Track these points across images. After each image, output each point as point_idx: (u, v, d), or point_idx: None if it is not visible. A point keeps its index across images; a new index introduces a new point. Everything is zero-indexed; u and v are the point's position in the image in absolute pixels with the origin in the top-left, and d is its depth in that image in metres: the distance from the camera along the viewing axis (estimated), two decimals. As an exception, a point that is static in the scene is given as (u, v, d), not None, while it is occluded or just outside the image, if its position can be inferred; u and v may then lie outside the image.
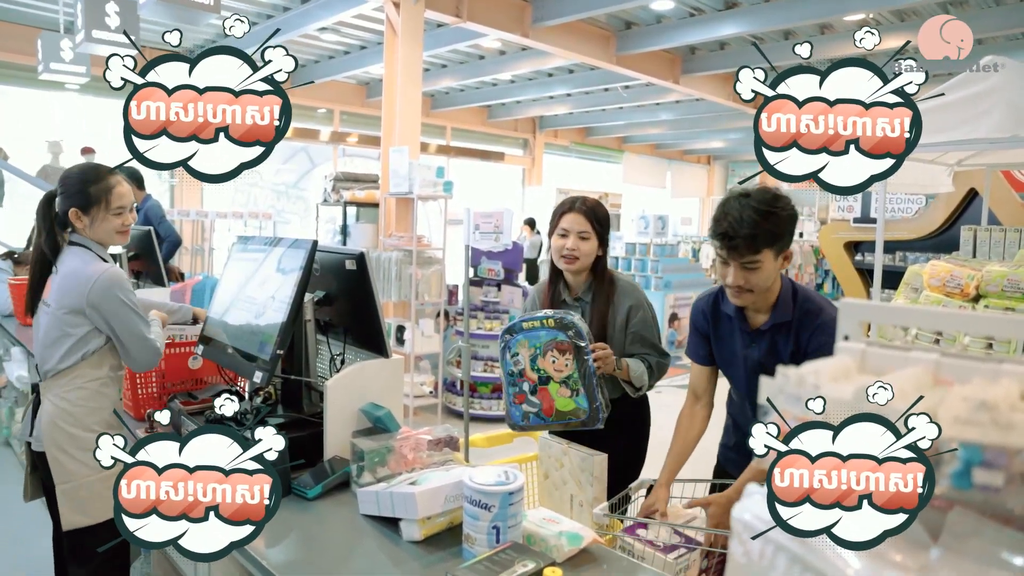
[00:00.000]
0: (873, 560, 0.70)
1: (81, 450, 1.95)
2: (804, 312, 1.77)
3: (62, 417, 1.96)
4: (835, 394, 0.69)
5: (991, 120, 2.77)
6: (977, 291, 2.72)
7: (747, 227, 1.64)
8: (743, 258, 1.67)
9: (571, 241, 2.13)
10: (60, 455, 1.95)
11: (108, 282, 1.95)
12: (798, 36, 8.28)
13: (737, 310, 1.84)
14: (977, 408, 0.61)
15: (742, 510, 0.82)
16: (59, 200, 2.03)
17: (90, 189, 2.00)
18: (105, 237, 2.05)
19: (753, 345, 1.82)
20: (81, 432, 1.97)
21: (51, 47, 5.90)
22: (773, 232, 1.66)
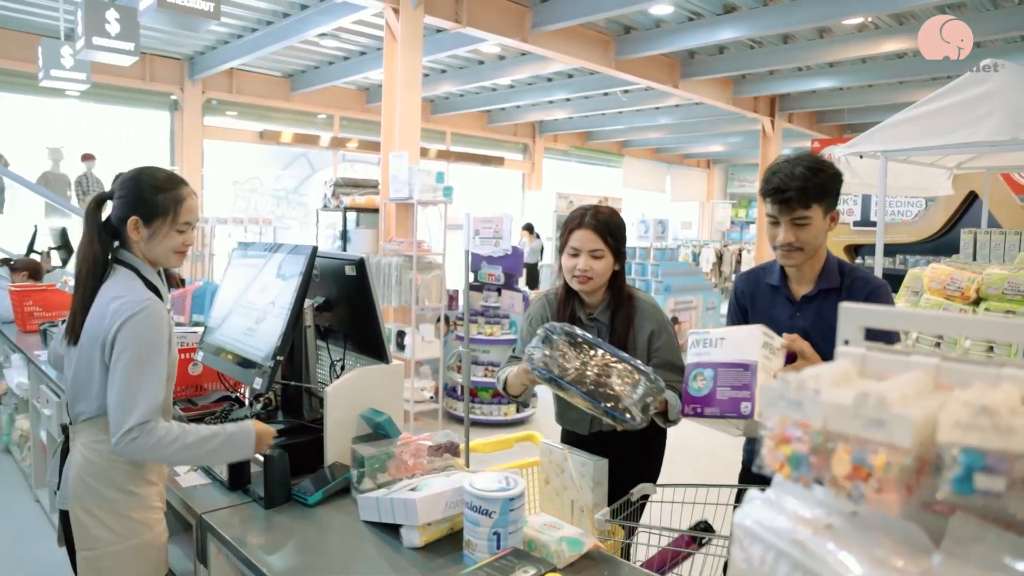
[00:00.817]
0: (874, 565, 0.70)
1: (109, 512, 1.63)
2: (854, 279, 1.81)
3: (89, 471, 1.63)
4: (834, 399, 0.69)
5: (991, 123, 2.77)
6: (978, 294, 2.71)
7: (798, 180, 1.70)
8: (794, 213, 1.73)
9: (583, 261, 1.97)
10: (84, 516, 1.63)
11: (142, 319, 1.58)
12: (797, 40, 8.30)
13: (781, 279, 1.88)
14: (978, 413, 0.60)
15: (743, 516, 0.81)
16: (116, 205, 1.70)
17: (159, 197, 1.69)
18: (162, 256, 1.72)
19: (798, 314, 1.84)
20: (112, 492, 1.63)
21: (51, 54, 5.92)
22: (823, 187, 1.72)
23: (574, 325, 2.12)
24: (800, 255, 1.78)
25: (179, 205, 1.71)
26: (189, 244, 1.78)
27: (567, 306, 2.11)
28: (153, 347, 1.58)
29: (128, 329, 1.56)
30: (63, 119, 9.34)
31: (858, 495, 0.67)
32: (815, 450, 0.72)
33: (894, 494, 0.65)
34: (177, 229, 1.72)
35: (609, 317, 2.07)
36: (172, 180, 1.73)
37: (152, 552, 1.67)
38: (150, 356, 1.57)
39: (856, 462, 0.67)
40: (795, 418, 0.73)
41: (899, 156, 3.43)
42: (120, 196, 1.70)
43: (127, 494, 1.64)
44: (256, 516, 1.67)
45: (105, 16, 4.61)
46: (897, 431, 0.64)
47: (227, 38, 8.89)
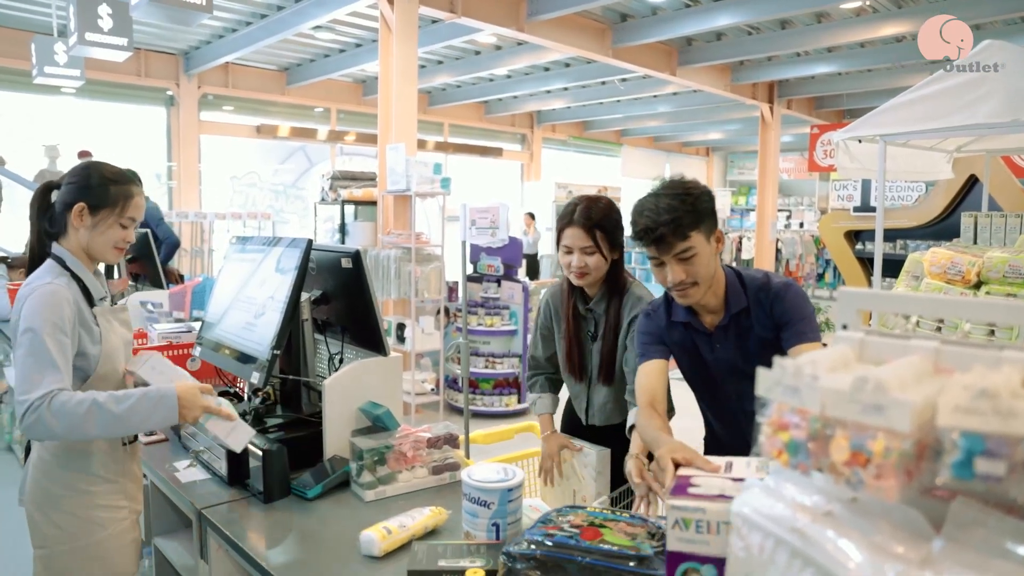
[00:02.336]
0: (874, 552, 0.69)
1: (56, 511, 1.60)
2: (755, 291, 1.70)
3: (42, 470, 1.61)
4: (832, 385, 0.67)
5: (989, 105, 2.75)
6: (978, 277, 2.70)
7: (667, 213, 1.56)
8: (674, 249, 1.59)
9: (576, 259, 2.02)
10: (36, 514, 1.61)
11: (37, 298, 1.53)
12: (795, 25, 8.24)
13: (689, 315, 1.74)
14: (978, 396, 0.59)
15: (741, 504, 0.80)
16: (64, 191, 1.67)
17: (110, 188, 1.66)
18: (101, 248, 1.68)
19: (718, 346, 1.73)
20: (59, 489, 1.60)
21: (45, 51, 5.88)
22: (695, 212, 1.58)
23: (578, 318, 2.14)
24: (696, 290, 1.64)
25: (128, 200, 1.69)
26: (129, 241, 1.74)
27: (571, 297, 2.17)
28: (44, 324, 1.49)
29: (24, 311, 1.52)
30: (59, 116, 9.30)
31: (857, 481, 0.66)
32: (813, 436, 0.71)
33: (893, 480, 0.64)
34: (121, 223, 1.69)
35: (604, 308, 2.11)
36: (124, 175, 1.72)
37: (107, 552, 1.63)
38: (41, 334, 1.48)
39: (855, 448, 0.66)
40: (792, 404, 0.72)
41: (898, 140, 3.41)
42: (70, 182, 1.67)
43: (77, 492, 1.60)
44: (255, 510, 1.66)
45: (97, 11, 4.57)
46: (896, 416, 0.63)
47: (222, 32, 8.84)
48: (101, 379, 1.64)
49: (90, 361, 1.61)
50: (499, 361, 5.71)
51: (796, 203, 17.26)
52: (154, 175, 10.26)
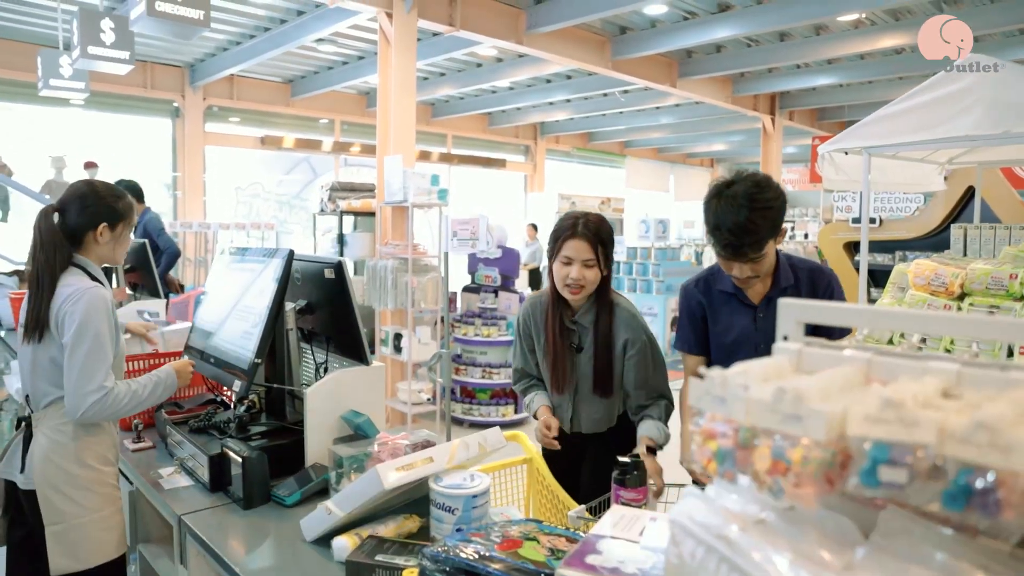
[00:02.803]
0: (799, 558, 0.71)
1: (76, 488, 1.81)
2: (809, 271, 1.81)
3: (57, 452, 1.81)
4: (755, 395, 0.70)
5: (973, 117, 2.76)
6: (962, 289, 2.70)
7: (749, 234, 1.63)
8: (749, 258, 1.70)
9: (576, 271, 2.00)
10: (52, 494, 1.80)
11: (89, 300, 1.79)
12: (793, 37, 8.28)
13: (735, 286, 1.86)
14: (884, 406, 0.61)
15: (678, 512, 0.82)
16: (75, 215, 1.89)
17: (119, 205, 1.94)
18: (118, 255, 1.99)
19: (761, 316, 1.83)
20: (76, 468, 1.82)
21: (50, 64, 5.98)
22: (773, 225, 1.69)
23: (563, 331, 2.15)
24: (757, 280, 1.78)
25: (132, 210, 1.98)
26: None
27: (556, 311, 2.14)
28: (98, 322, 1.79)
29: (78, 310, 1.77)
30: (66, 128, 9.42)
31: (778, 489, 0.68)
32: (741, 445, 0.73)
33: (811, 488, 0.66)
34: (130, 230, 2.00)
35: (592, 321, 2.11)
36: (120, 190, 1.98)
37: (114, 524, 1.87)
38: (98, 329, 1.78)
39: (775, 457, 0.68)
40: (721, 414, 0.74)
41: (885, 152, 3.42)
42: (84, 207, 1.90)
43: (91, 470, 1.83)
44: (234, 517, 1.68)
45: (100, 25, 4.65)
46: (812, 425, 0.65)
47: (226, 45, 8.95)
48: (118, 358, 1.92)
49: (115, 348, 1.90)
50: (496, 371, 5.72)
51: (800, 214, 17.24)
52: (159, 186, 10.36)
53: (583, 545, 1.09)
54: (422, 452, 1.54)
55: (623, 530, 1.16)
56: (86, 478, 1.82)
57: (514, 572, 1.13)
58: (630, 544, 1.10)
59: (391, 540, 1.39)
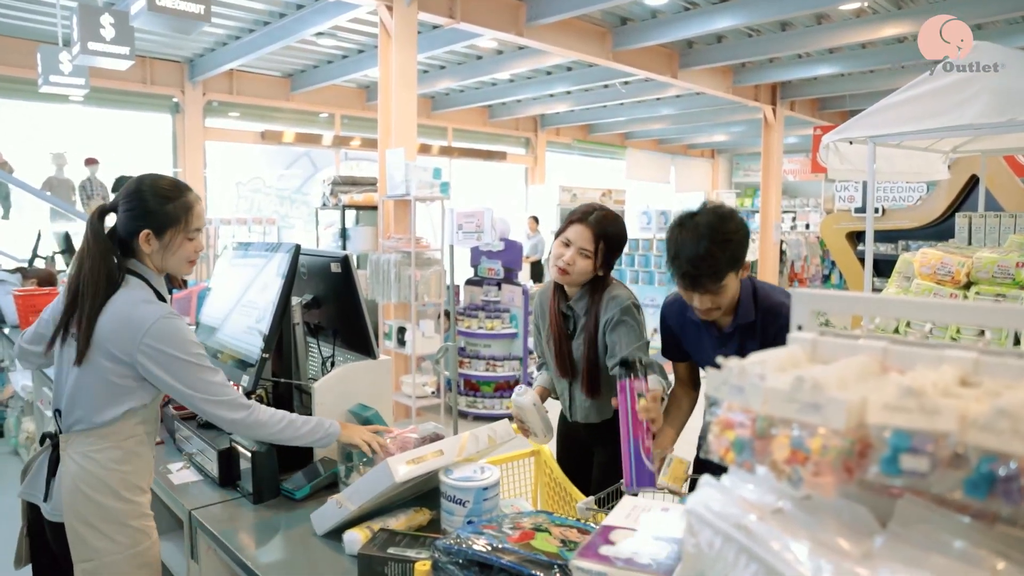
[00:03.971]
0: (818, 547, 0.71)
1: (109, 522, 1.61)
2: (766, 311, 1.78)
3: (88, 482, 1.59)
4: (774, 384, 0.69)
5: (978, 106, 2.75)
6: (968, 278, 2.70)
7: (707, 265, 1.64)
8: (707, 289, 1.69)
9: (569, 254, 2.04)
10: (83, 528, 1.59)
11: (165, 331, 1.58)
12: (795, 27, 8.24)
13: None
14: (905, 394, 0.61)
15: (694, 501, 0.82)
16: (123, 219, 1.66)
17: (168, 207, 1.64)
18: (176, 266, 1.71)
19: (724, 347, 1.84)
20: (111, 501, 1.61)
21: (50, 60, 5.96)
22: (732, 259, 1.68)
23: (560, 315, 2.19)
24: (718, 312, 1.78)
25: (189, 212, 1.67)
26: (200, 250, 1.75)
27: (555, 296, 2.22)
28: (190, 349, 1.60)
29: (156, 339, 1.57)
30: (66, 124, 9.40)
31: (797, 479, 0.68)
32: (758, 435, 0.73)
33: (830, 477, 0.66)
34: (188, 237, 1.68)
35: (584, 309, 2.14)
36: (178, 187, 1.69)
37: (150, 559, 1.67)
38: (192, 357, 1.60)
39: (794, 446, 0.68)
40: (738, 404, 0.74)
41: (888, 141, 3.41)
42: (127, 209, 1.65)
43: (125, 502, 1.62)
44: (245, 511, 1.69)
45: (99, 21, 4.63)
46: (831, 414, 0.65)
47: (225, 39, 8.91)
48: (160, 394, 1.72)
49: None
50: (500, 364, 5.73)
51: (801, 204, 17.21)
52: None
53: (596, 536, 1.09)
54: (432, 445, 1.54)
55: (635, 520, 1.17)
56: (120, 511, 1.62)
57: (527, 563, 1.14)
58: (643, 534, 1.11)
59: (402, 533, 1.39)
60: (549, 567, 1.11)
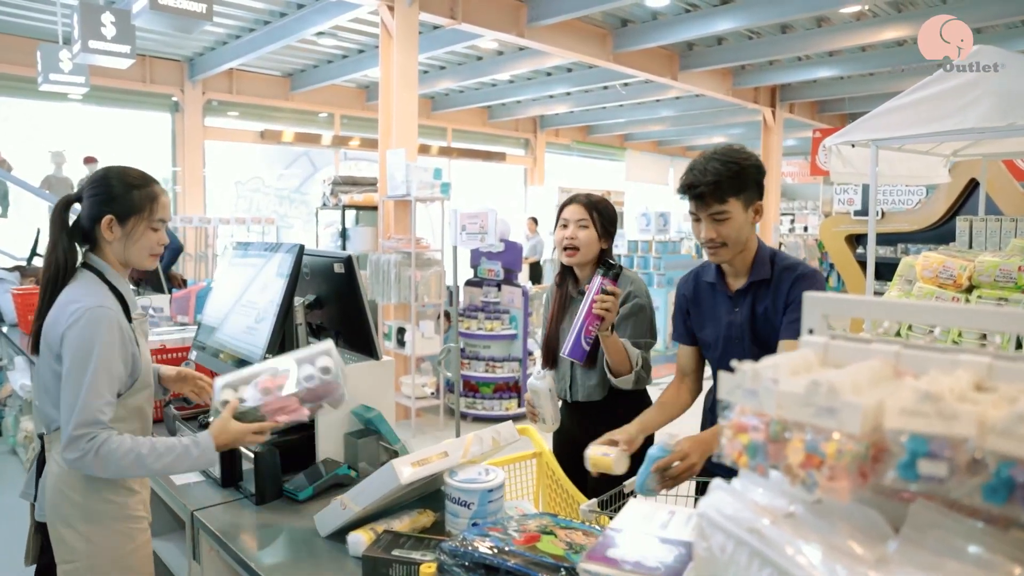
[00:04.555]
0: (831, 552, 0.71)
1: (88, 523, 1.57)
2: (783, 268, 1.81)
3: (67, 482, 1.56)
4: (788, 388, 0.69)
5: (981, 109, 2.76)
6: (970, 281, 2.70)
7: (711, 175, 1.69)
8: (710, 209, 1.72)
9: (570, 230, 2.17)
10: (63, 529, 1.57)
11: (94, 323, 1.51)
12: (795, 30, 8.25)
13: (718, 275, 1.89)
14: (922, 399, 0.61)
15: (706, 505, 0.82)
16: (86, 205, 1.62)
17: (133, 194, 1.63)
18: (137, 257, 1.67)
19: (736, 309, 1.85)
20: (89, 502, 1.57)
21: (50, 58, 5.94)
22: (738, 179, 1.71)
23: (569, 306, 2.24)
24: (725, 251, 1.78)
25: (154, 202, 1.66)
26: (163, 243, 1.73)
27: (562, 284, 2.31)
28: (89, 353, 1.50)
29: (70, 335, 1.51)
30: (65, 122, 9.38)
31: (811, 483, 0.68)
32: (772, 439, 0.72)
33: (846, 481, 0.66)
34: (152, 227, 1.66)
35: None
36: (145, 177, 1.69)
37: (135, 562, 1.63)
38: (87, 363, 1.49)
39: (809, 450, 0.68)
40: (752, 407, 0.73)
41: (891, 144, 3.42)
42: (91, 195, 1.62)
43: (106, 503, 1.59)
44: (247, 512, 1.69)
45: (100, 19, 4.63)
46: (847, 418, 0.65)
47: (226, 39, 8.90)
48: (133, 393, 1.65)
49: (126, 381, 1.62)
50: (499, 365, 5.72)
51: (800, 207, 17.23)
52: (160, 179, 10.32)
53: (604, 539, 1.09)
54: (436, 447, 1.54)
55: (643, 523, 1.16)
56: (100, 512, 1.58)
57: (533, 566, 1.13)
58: (650, 537, 1.10)
59: (406, 535, 1.39)
60: (555, 570, 1.11)
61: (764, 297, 1.82)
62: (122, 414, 1.63)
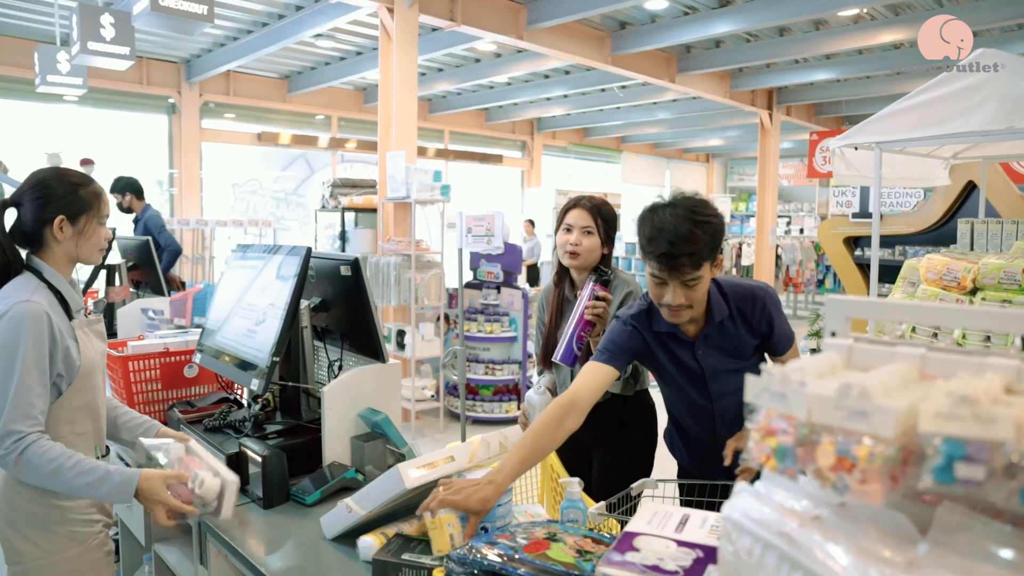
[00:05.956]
0: (861, 556, 0.70)
1: (31, 527, 1.57)
2: (739, 299, 1.73)
3: (9, 484, 1.57)
4: (818, 391, 0.69)
5: (984, 113, 2.77)
6: (974, 284, 2.71)
7: (689, 242, 1.54)
8: (684, 276, 1.58)
9: (574, 236, 2.17)
10: (8, 530, 1.58)
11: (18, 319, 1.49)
12: (793, 32, 8.28)
13: (671, 325, 1.74)
14: (958, 403, 0.61)
15: (731, 508, 0.82)
16: (32, 208, 1.61)
17: (80, 192, 1.64)
18: (88, 253, 1.68)
19: (700, 352, 1.76)
20: (32, 506, 1.57)
21: (48, 59, 5.92)
22: (712, 243, 1.59)
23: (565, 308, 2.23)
24: (688, 312, 1.66)
25: (99, 198, 1.68)
26: (109, 238, 1.74)
27: (559, 287, 2.31)
28: (15, 349, 1.48)
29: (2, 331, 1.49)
30: (62, 124, 9.35)
31: (842, 486, 0.67)
32: (800, 442, 0.72)
33: (878, 484, 0.65)
34: (100, 222, 1.68)
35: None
36: (85, 176, 1.70)
37: (83, 566, 1.63)
38: (14, 358, 1.47)
39: (840, 453, 0.67)
40: (780, 410, 0.73)
41: (894, 147, 3.43)
42: (37, 198, 1.61)
43: (51, 507, 1.58)
44: (255, 516, 1.67)
45: (100, 21, 4.61)
46: (880, 422, 0.64)
47: (223, 40, 8.89)
48: (76, 391, 1.63)
49: (64, 378, 1.60)
50: (499, 368, 5.71)
51: (796, 209, 17.27)
52: (156, 182, 10.30)
53: (620, 543, 1.08)
54: (442, 451, 1.53)
55: (658, 527, 1.16)
56: (44, 516, 1.58)
57: (544, 574, 1.13)
58: (666, 541, 1.10)
59: (417, 539, 1.38)
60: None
61: (733, 334, 1.74)
62: (67, 415, 1.62)
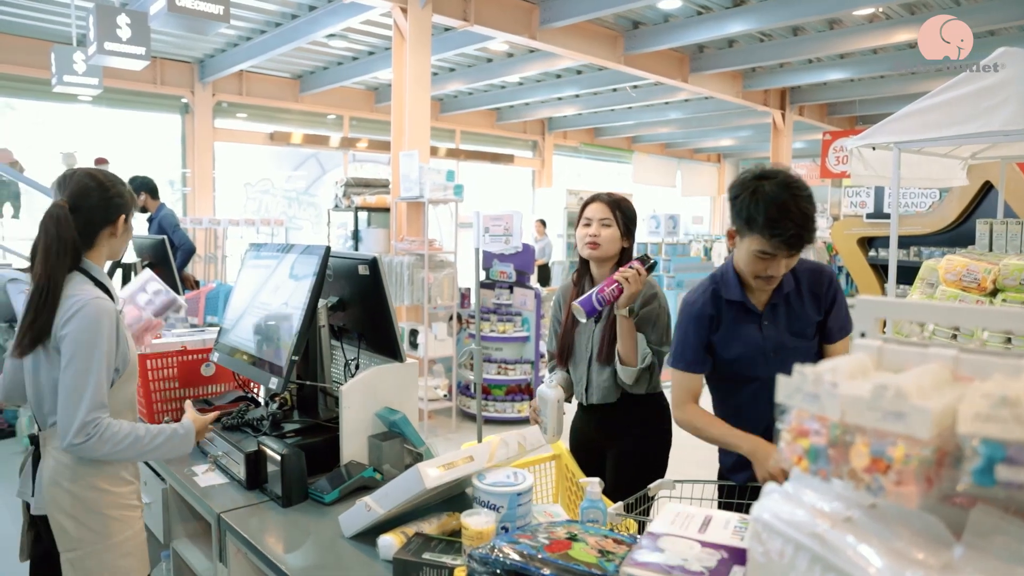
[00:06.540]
0: (895, 558, 0.70)
1: (88, 513, 1.65)
2: (807, 273, 1.81)
3: (64, 475, 1.64)
4: (852, 392, 0.68)
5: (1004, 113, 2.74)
6: (994, 285, 2.68)
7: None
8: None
9: (593, 228, 2.19)
10: (64, 519, 1.64)
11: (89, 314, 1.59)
12: (807, 32, 8.23)
13: (742, 293, 1.83)
14: (998, 404, 0.60)
15: (761, 509, 0.81)
16: (94, 210, 1.69)
17: (126, 192, 1.76)
18: (121, 250, 1.79)
19: (768, 323, 1.82)
20: (87, 492, 1.65)
21: (64, 60, 5.97)
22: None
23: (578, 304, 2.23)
24: (775, 282, 1.76)
25: (134, 197, 1.81)
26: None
27: (580, 281, 2.30)
28: (94, 342, 1.59)
29: (70, 327, 1.58)
30: (76, 124, 9.43)
31: (877, 487, 0.67)
32: (833, 443, 0.71)
33: (913, 486, 0.65)
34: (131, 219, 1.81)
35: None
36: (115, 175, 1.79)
37: (134, 548, 1.72)
38: (93, 350, 1.58)
39: (875, 454, 0.67)
40: (812, 411, 0.73)
41: (912, 147, 3.40)
42: (102, 199, 1.70)
43: (103, 493, 1.67)
44: (274, 515, 1.68)
45: (116, 21, 4.65)
46: (916, 423, 0.64)
47: (236, 40, 8.94)
48: (123, 384, 1.73)
49: (119, 372, 1.70)
50: (511, 368, 5.71)
51: (808, 210, 17.15)
52: (168, 182, 10.37)
53: (643, 544, 1.08)
54: (462, 451, 1.53)
55: (681, 527, 1.15)
56: (98, 502, 1.66)
57: (567, 574, 1.12)
58: (690, 541, 1.09)
59: (437, 538, 1.38)
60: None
61: (799, 307, 1.80)
62: (116, 407, 1.69)
